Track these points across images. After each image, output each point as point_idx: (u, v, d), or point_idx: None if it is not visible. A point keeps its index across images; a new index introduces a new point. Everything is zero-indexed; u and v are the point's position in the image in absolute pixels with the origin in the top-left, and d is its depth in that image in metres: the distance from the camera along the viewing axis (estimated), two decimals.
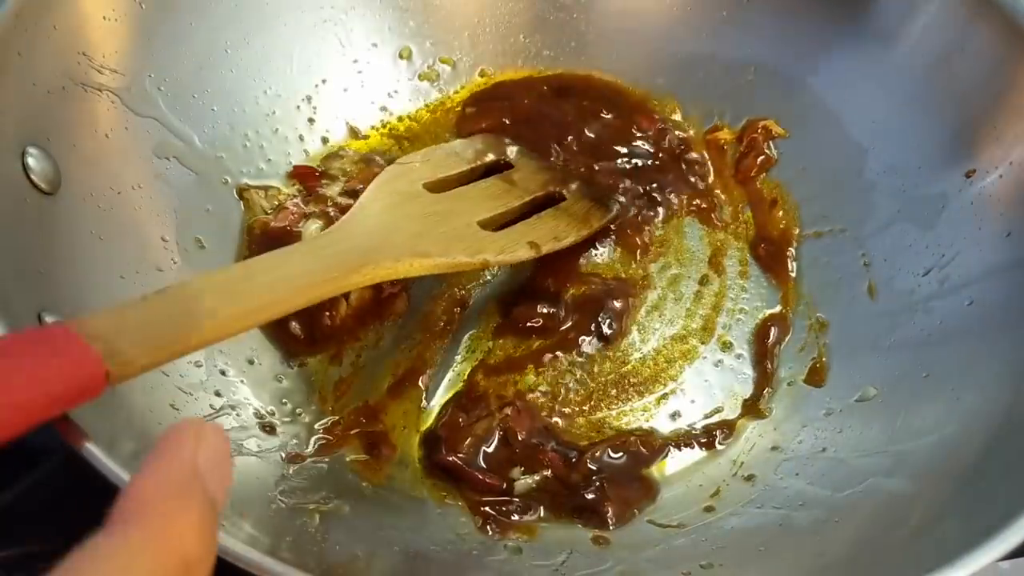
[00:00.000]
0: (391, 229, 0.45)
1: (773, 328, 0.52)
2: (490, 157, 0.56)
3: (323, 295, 0.40)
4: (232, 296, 0.36)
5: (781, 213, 0.56)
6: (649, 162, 0.58)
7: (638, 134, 0.59)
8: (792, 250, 0.55)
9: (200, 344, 0.34)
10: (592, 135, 0.58)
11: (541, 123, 0.59)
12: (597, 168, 0.57)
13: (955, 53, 0.50)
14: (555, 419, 0.48)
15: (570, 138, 0.58)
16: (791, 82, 0.57)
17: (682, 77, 0.60)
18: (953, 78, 0.50)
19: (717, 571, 0.40)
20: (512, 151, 0.57)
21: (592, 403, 0.49)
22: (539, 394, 0.49)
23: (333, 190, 0.55)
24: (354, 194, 0.55)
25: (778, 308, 0.53)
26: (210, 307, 0.35)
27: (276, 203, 0.53)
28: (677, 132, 0.59)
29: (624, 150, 0.58)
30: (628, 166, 0.58)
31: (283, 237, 0.52)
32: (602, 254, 0.54)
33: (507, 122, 0.58)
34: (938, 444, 0.42)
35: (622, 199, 0.56)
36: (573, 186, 0.55)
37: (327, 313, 0.49)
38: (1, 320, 0.33)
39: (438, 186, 0.51)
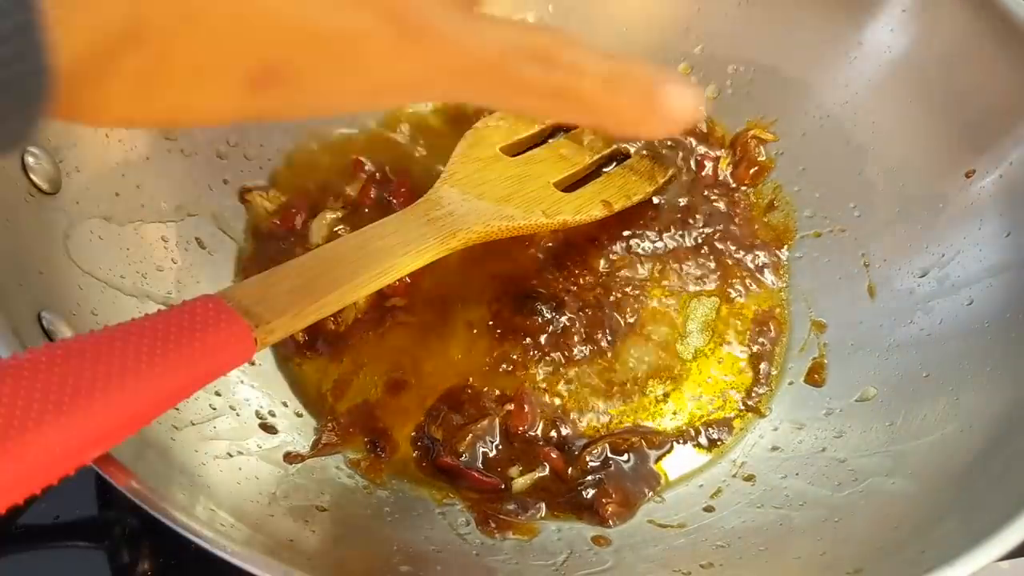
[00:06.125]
0: (477, 195, 0.48)
1: (768, 327, 0.52)
2: None
3: (427, 260, 0.43)
4: (354, 264, 0.39)
5: (778, 215, 0.56)
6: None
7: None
8: (786, 251, 0.55)
9: (329, 311, 0.38)
10: None
11: None
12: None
13: (955, 53, 0.50)
14: (555, 417, 0.48)
15: None
16: (791, 82, 0.57)
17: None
18: (953, 78, 0.50)
19: (717, 571, 0.40)
20: None
21: (592, 401, 0.49)
22: (539, 392, 0.49)
23: None
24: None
25: (773, 308, 0.53)
26: (336, 276, 0.38)
27: (279, 203, 0.53)
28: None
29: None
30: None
31: (290, 237, 0.52)
32: (602, 254, 0.54)
33: None
34: (938, 444, 0.42)
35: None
36: (638, 143, 0.58)
37: (332, 319, 0.49)
38: (1, 320, 0.33)
39: (512, 148, 0.54)
